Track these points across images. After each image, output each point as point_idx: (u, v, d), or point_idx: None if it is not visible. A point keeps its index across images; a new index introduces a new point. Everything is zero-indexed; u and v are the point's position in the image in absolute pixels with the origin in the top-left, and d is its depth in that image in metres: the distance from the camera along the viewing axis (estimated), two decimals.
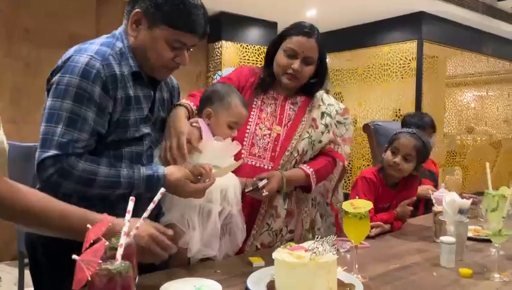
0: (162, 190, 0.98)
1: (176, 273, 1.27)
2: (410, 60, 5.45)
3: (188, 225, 1.36)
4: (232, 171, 1.50)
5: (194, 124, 1.50)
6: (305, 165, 1.68)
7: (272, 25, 5.68)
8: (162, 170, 1.30)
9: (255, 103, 1.73)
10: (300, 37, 1.66)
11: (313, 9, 5.43)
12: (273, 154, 1.66)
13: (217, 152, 1.45)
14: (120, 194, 1.26)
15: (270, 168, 1.64)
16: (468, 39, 5.95)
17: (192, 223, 1.36)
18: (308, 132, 1.70)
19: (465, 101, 6.36)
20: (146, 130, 1.37)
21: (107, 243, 0.79)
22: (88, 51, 1.24)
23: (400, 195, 1.97)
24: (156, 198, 0.96)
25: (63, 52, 1.27)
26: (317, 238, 1.15)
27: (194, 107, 1.55)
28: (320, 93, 1.81)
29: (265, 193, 1.53)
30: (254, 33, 5.69)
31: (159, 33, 1.28)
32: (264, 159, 1.65)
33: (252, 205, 1.63)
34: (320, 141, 1.72)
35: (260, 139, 1.66)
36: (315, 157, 1.74)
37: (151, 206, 0.95)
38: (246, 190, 1.54)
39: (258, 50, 5.69)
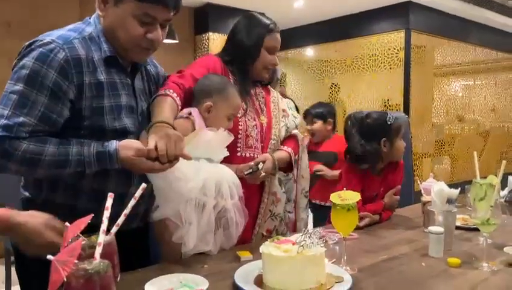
0: (143, 185, 0.95)
1: (162, 269, 1.24)
2: (398, 50, 5.45)
3: (183, 220, 1.32)
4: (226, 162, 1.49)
5: (188, 116, 1.47)
6: (282, 146, 1.79)
7: None
8: (114, 145, 1.20)
9: None
10: (277, 34, 1.74)
11: (300, 0, 5.40)
12: (262, 144, 1.73)
13: (210, 144, 1.42)
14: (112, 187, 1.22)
15: None
16: (456, 28, 5.97)
17: (189, 218, 1.33)
18: (283, 121, 1.83)
19: (453, 91, 6.39)
20: (128, 121, 1.31)
21: (85, 241, 0.76)
22: (51, 36, 1.20)
23: (386, 181, 1.97)
24: (137, 194, 0.93)
25: None
26: (305, 231, 1.13)
27: (180, 104, 1.48)
28: (275, 91, 1.92)
29: (262, 174, 1.60)
30: None
31: (125, 8, 1.22)
32: (257, 149, 1.70)
33: (255, 195, 1.69)
34: (290, 127, 1.85)
35: (252, 130, 1.69)
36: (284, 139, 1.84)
37: (132, 202, 0.92)
38: (246, 172, 1.56)
39: None
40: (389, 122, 1.89)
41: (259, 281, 1.15)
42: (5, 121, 1.13)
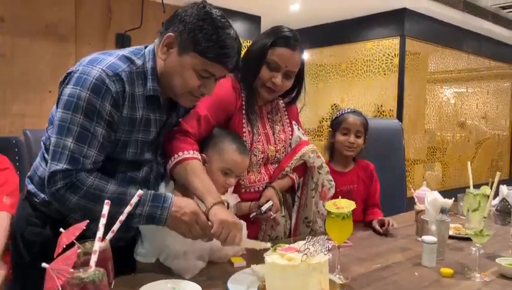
0: (139, 192, 0.94)
1: (155, 275, 1.23)
2: (392, 56, 5.48)
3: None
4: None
5: None
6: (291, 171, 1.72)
7: (256, 19, 5.63)
8: (170, 195, 1.27)
9: (244, 128, 1.61)
10: (285, 50, 1.56)
11: (296, 4, 5.39)
12: (269, 171, 1.67)
13: None
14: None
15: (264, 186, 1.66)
16: (450, 36, 6.02)
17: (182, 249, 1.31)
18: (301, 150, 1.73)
19: (445, 98, 6.43)
20: (148, 155, 1.34)
21: (80, 249, 0.75)
22: (101, 64, 1.20)
23: (358, 180, 2.02)
24: (133, 200, 0.93)
25: (40, 41, 1.20)
26: (309, 239, 1.13)
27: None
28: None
29: (272, 215, 1.56)
30: (237, 27, 5.53)
31: (188, 60, 1.24)
32: (263, 181, 1.65)
33: (255, 223, 1.62)
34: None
35: (255, 165, 1.63)
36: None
37: (128, 208, 0.91)
38: (251, 216, 1.55)
39: (241, 44, 5.62)
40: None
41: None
42: (70, 154, 1.15)
